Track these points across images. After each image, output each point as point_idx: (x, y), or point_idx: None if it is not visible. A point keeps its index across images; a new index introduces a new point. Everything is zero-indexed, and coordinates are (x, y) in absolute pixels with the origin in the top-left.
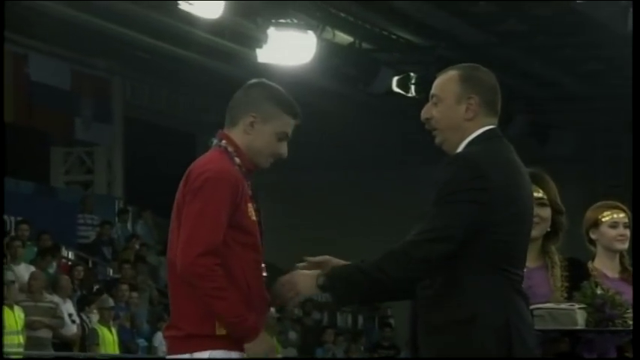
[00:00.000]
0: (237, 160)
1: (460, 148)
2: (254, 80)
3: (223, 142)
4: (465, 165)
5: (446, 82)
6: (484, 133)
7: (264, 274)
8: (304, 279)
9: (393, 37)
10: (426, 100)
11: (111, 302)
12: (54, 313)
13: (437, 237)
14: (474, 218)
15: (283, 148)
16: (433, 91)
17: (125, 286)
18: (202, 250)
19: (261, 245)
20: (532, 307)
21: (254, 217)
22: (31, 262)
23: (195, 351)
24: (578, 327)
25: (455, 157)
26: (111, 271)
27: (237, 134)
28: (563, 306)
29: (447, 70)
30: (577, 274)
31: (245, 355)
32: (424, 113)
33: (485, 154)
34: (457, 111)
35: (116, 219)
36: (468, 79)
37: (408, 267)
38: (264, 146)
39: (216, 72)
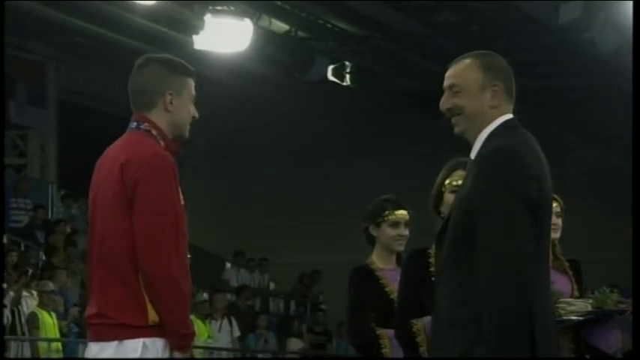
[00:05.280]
0: (161, 143)
1: (481, 138)
2: (142, 59)
3: (145, 124)
4: (513, 160)
5: (465, 70)
6: (507, 123)
7: (188, 256)
8: None
9: (329, 25)
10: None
11: (51, 286)
12: None
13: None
14: (531, 221)
15: (195, 110)
16: (452, 81)
17: (58, 271)
18: (174, 252)
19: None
20: None
21: (182, 201)
22: None
23: (125, 338)
24: None
25: (496, 151)
26: (43, 255)
27: (158, 115)
28: None
29: (460, 60)
30: None
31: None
32: (443, 104)
33: (524, 146)
34: (482, 99)
35: (50, 203)
36: (489, 66)
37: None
38: (185, 116)
39: None
